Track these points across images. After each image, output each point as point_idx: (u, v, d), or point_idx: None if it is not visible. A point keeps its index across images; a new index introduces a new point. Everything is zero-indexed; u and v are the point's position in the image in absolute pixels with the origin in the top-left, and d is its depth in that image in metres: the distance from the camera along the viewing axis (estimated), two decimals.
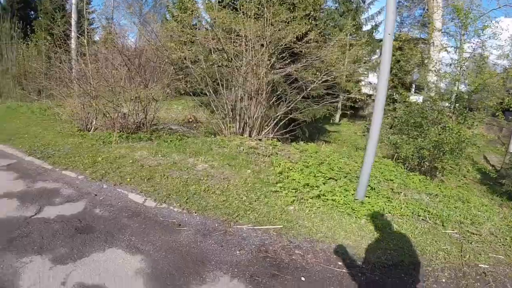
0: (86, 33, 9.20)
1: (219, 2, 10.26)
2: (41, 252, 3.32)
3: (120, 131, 7.66)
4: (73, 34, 14.15)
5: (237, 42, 8.91)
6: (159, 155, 6.27)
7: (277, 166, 6.12)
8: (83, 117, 8.57)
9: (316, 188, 5.05)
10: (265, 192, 4.95)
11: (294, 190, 4.97)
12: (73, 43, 13.68)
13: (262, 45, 8.67)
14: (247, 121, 8.47)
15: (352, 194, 4.86)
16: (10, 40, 17.58)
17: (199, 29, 10.66)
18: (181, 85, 8.44)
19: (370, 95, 22.29)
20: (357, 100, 17.03)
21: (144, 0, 30.89)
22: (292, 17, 10.37)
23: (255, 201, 4.66)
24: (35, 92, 15.89)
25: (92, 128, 8.44)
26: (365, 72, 23.02)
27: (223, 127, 8.39)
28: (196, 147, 6.80)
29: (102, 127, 8.35)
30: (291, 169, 5.95)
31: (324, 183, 5.27)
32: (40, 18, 26.32)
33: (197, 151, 6.52)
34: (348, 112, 21.77)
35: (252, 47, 8.59)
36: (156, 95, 8.09)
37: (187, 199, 4.50)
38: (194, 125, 10.36)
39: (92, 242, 3.50)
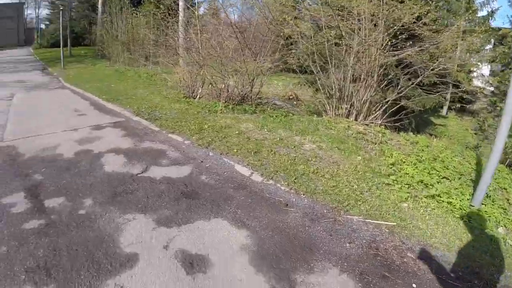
0: (197, 4, 9.26)
1: None
2: (145, 211, 3.34)
3: (226, 102, 7.63)
4: (181, 5, 14.55)
5: (349, 20, 8.31)
6: (265, 129, 6.06)
7: (389, 157, 5.54)
8: (189, 85, 8.75)
9: (431, 186, 4.45)
10: (376, 183, 4.44)
11: (407, 186, 4.43)
12: (180, 14, 14.07)
13: (375, 24, 7.96)
14: (354, 103, 7.89)
15: (468, 199, 4.20)
16: (120, 10, 18.76)
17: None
18: (290, 60, 8.10)
19: (481, 89, 19.82)
20: (467, 93, 15.23)
21: None
22: None
23: (367, 191, 4.18)
24: (142, 58, 16.93)
25: (198, 96, 8.57)
26: (478, 63, 20.47)
27: (328, 108, 7.91)
28: (302, 126, 6.46)
29: (207, 95, 8.44)
30: (404, 162, 5.35)
31: (438, 182, 4.64)
32: None
33: (304, 130, 6.17)
34: (456, 106, 19.65)
35: (364, 27, 7.93)
36: (264, 68, 7.89)
37: (295, 179, 4.21)
38: (295, 102, 10.04)
39: (197, 209, 3.44)
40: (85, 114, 7.41)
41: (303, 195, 3.88)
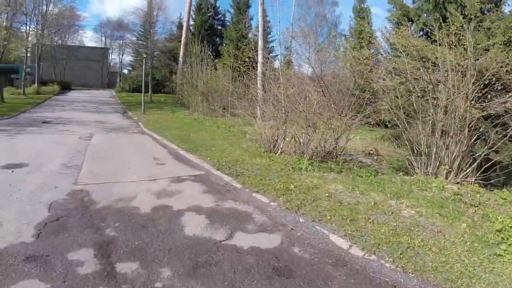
0: (281, 59, 9.66)
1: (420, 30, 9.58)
2: None
3: (310, 158, 7.68)
4: (259, 59, 15.26)
5: (435, 72, 8.10)
6: (357, 192, 5.91)
7: (494, 222, 5.09)
8: (270, 139, 8.98)
9: None
10: (487, 255, 4.05)
11: None
12: (259, 67, 14.76)
13: (463, 75, 7.64)
14: (444, 160, 7.49)
15: None
16: (200, 61, 20.26)
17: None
18: (374, 115, 8.02)
19: None
20: None
21: (320, 30, 31.90)
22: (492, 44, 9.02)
23: (479, 266, 3.79)
24: (220, 108, 17.88)
25: (279, 151, 8.75)
26: None
27: (416, 165, 7.60)
28: (395, 187, 6.22)
29: (289, 151, 8.58)
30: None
31: None
32: (225, 44, 30.13)
33: (397, 192, 5.93)
34: None
35: (451, 77, 7.65)
36: (349, 124, 7.89)
37: (400, 254, 3.88)
38: (375, 157, 9.80)
39: None
40: (164, 163, 7.82)
41: (412, 274, 3.56)
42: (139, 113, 19.32)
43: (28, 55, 32.26)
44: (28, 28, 27.38)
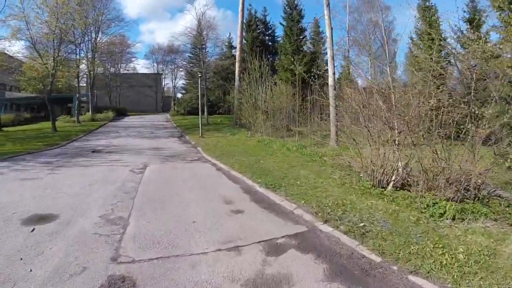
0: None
1: None
2: None
3: (450, 199, 5.35)
4: (330, 71, 13.32)
5: None
6: None
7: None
8: (376, 168, 6.78)
9: None
10: None
11: None
12: (330, 80, 12.77)
13: None
14: None
15: None
16: (260, 77, 18.56)
17: None
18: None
19: None
20: None
21: (373, 38, 29.28)
22: None
23: None
24: (284, 128, 16.00)
25: (391, 184, 6.53)
26: None
27: None
28: None
29: (401, 182, 6.35)
30: None
31: None
32: (280, 59, 28.54)
33: None
34: None
35: None
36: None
37: None
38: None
39: None
40: (242, 210, 5.69)
41: None
42: (197, 136, 17.88)
43: (82, 84, 33.00)
44: (76, 56, 27.75)
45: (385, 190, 6.45)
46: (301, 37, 28.88)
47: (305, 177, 7.87)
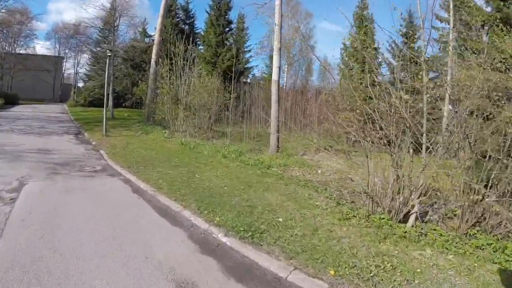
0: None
1: None
2: None
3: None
4: (275, 65, 11.16)
5: None
6: None
7: None
8: (383, 193, 4.54)
9: None
10: None
11: None
12: (274, 75, 10.45)
13: None
14: None
15: None
16: (184, 66, 15.38)
17: None
18: None
19: None
20: None
21: (293, 43, 28.59)
22: None
23: None
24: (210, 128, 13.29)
25: (412, 218, 4.33)
26: None
27: None
28: None
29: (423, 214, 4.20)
30: None
31: None
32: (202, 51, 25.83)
33: None
34: None
35: None
36: None
37: None
38: None
39: None
40: None
41: None
42: (99, 134, 13.65)
43: None
44: None
45: (401, 224, 4.24)
46: (226, 29, 26.43)
47: (281, 208, 5.18)
